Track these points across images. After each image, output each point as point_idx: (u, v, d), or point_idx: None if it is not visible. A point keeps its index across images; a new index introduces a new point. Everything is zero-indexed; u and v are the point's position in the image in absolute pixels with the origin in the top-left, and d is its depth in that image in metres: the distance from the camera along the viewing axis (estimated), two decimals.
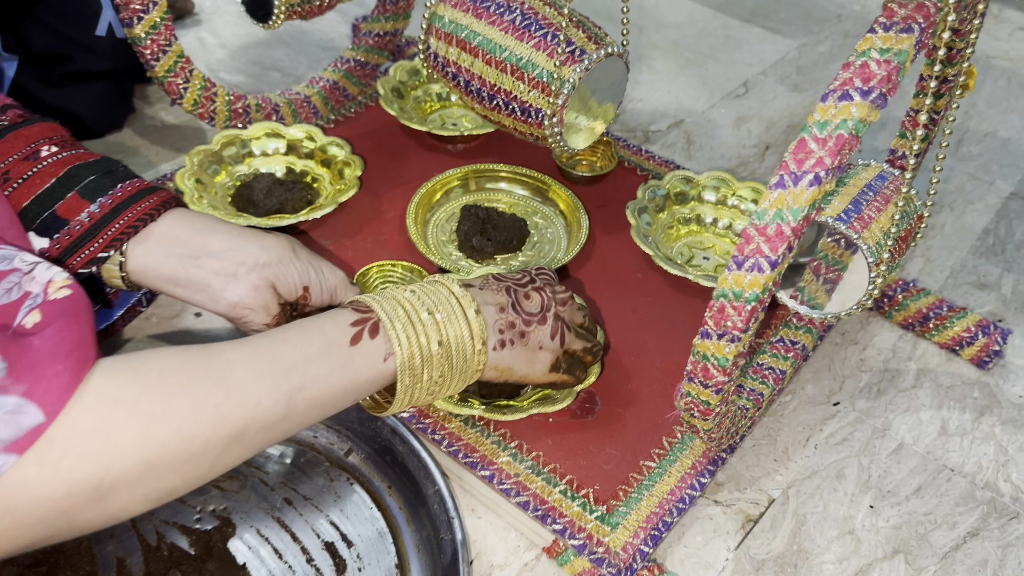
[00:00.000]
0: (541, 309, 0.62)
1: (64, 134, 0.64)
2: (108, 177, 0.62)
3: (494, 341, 0.59)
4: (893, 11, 0.50)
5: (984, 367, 0.81)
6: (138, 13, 0.80)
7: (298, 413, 0.51)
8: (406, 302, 0.56)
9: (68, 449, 0.41)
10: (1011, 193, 1.05)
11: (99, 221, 0.60)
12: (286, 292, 0.63)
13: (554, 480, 0.66)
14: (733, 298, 0.51)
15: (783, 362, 0.75)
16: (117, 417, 0.43)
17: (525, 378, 0.63)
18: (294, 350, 0.51)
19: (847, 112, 0.48)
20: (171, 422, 0.44)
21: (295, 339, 0.52)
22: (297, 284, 0.64)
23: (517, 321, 0.61)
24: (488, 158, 0.94)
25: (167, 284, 0.62)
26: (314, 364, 0.51)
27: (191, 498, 0.64)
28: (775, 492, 0.70)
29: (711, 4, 1.40)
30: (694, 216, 0.89)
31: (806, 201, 0.48)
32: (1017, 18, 1.40)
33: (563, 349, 0.64)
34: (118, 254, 0.61)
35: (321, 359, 0.52)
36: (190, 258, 0.61)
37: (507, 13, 0.77)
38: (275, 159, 0.91)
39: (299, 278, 0.64)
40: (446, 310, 0.57)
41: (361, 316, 0.55)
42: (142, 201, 0.61)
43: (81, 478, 0.42)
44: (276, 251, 0.63)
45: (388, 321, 0.54)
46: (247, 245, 0.62)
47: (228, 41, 1.20)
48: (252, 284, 0.61)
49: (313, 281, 0.65)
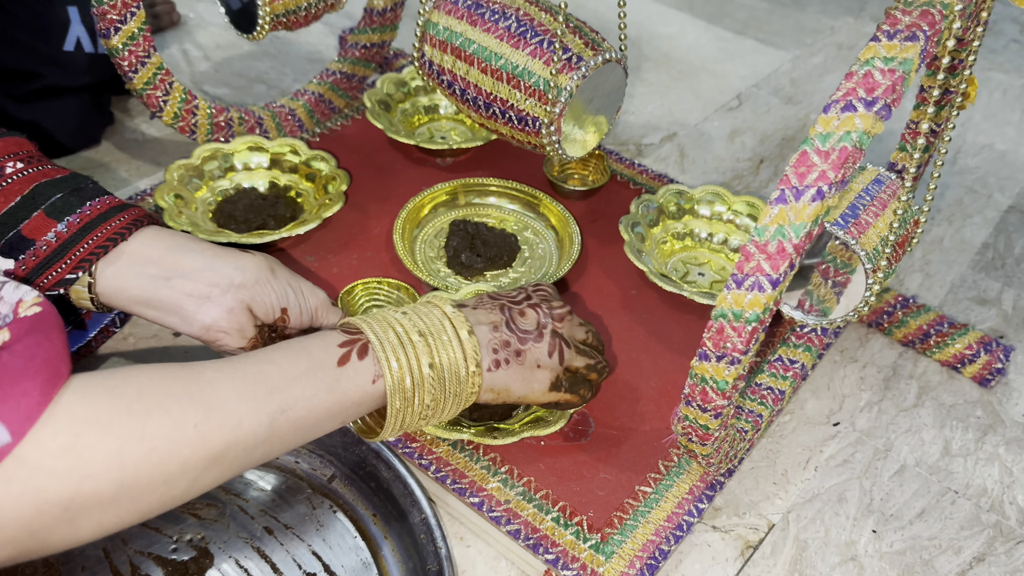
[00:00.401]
0: (537, 326, 0.60)
1: (31, 149, 0.61)
2: (76, 195, 0.59)
3: (488, 361, 0.57)
4: (897, 19, 0.48)
5: (986, 385, 0.79)
6: (115, 24, 0.78)
7: (280, 435, 0.49)
8: (397, 324, 0.54)
9: (37, 469, 0.40)
10: (1009, 206, 1.03)
11: (66, 241, 0.57)
12: (263, 314, 0.61)
13: (546, 507, 0.63)
14: (733, 318, 0.49)
15: (782, 382, 0.73)
16: (90, 436, 0.41)
17: (524, 398, 0.60)
18: (278, 370, 0.49)
19: (851, 124, 0.46)
20: (148, 442, 0.43)
21: (280, 359, 0.50)
22: (274, 305, 0.61)
23: (512, 339, 0.58)
24: (477, 172, 0.92)
25: (138, 306, 0.59)
26: (299, 384, 0.49)
27: (167, 527, 0.62)
28: (775, 517, 0.68)
29: (703, 16, 1.38)
30: (688, 231, 0.87)
31: (809, 216, 0.46)
32: (1012, 30, 1.39)
33: (563, 367, 0.61)
34: (87, 275, 0.58)
35: (306, 379, 0.50)
36: (162, 279, 0.58)
37: (502, 20, 0.75)
38: (258, 173, 0.88)
39: (276, 299, 0.61)
40: (438, 331, 0.55)
41: (350, 337, 0.53)
42: (112, 220, 0.59)
43: (50, 498, 0.40)
44: (253, 271, 0.60)
45: (378, 343, 0.53)
46: (222, 265, 0.59)
47: (212, 53, 1.18)
48: (226, 306, 0.59)
49: (292, 302, 0.62)
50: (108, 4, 0.77)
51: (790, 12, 1.41)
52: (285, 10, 0.87)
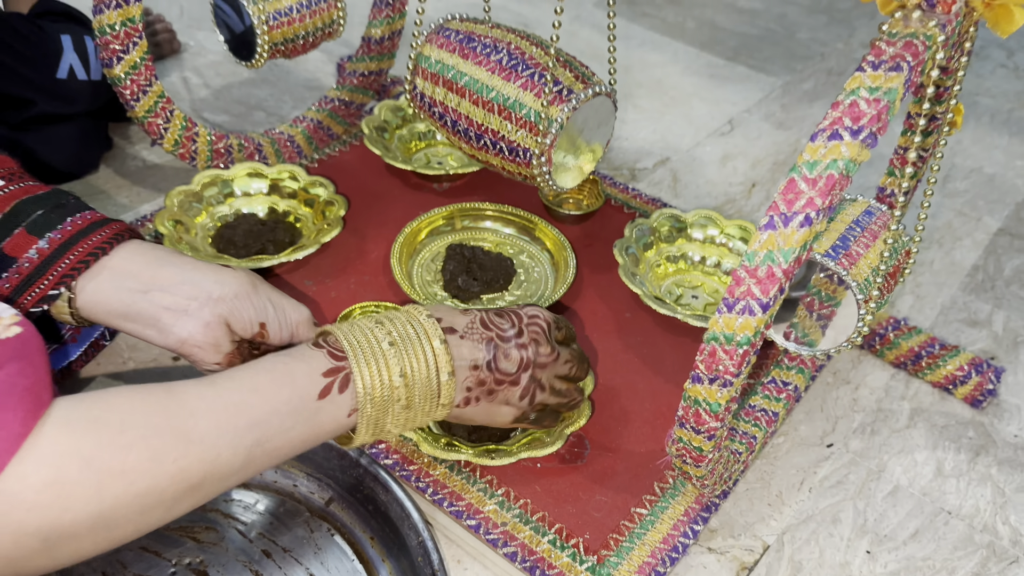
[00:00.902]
0: (518, 369, 0.59)
1: (13, 167, 0.61)
2: (57, 211, 0.59)
3: (460, 399, 0.58)
4: (882, 49, 0.49)
5: (978, 406, 0.80)
6: (117, 54, 0.79)
7: (256, 464, 0.50)
8: (381, 357, 0.54)
9: (17, 502, 0.40)
10: (999, 229, 1.04)
11: (48, 257, 0.57)
12: (241, 329, 0.60)
13: (543, 529, 0.63)
14: (724, 341, 0.50)
15: (775, 403, 0.74)
16: (72, 470, 0.42)
17: (480, 424, 0.62)
18: (260, 400, 0.50)
19: (837, 152, 0.47)
20: (127, 476, 0.43)
21: (264, 386, 0.50)
22: (253, 320, 0.60)
23: (488, 380, 0.58)
24: (474, 196, 0.93)
25: (117, 319, 0.59)
26: (279, 417, 0.50)
27: (166, 550, 0.62)
28: (770, 538, 0.69)
29: (695, 43, 1.40)
30: (681, 254, 0.88)
31: (797, 242, 0.47)
32: (999, 55, 1.42)
33: (531, 407, 0.62)
34: (67, 291, 0.58)
35: (286, 411, 0.50)
36: (140, 292, 0.58)
37: (493, 53, 0.77)
38: (257, 199, 0.89)
39: (255, 314, 0.60)
40: (421, 368, 0.55)
41: (334, 365, 0.53)
42: (93, 234, 0.59)
43: (29, 531, 0.41)
44: (232, 286, 0.60)
45: (359, 377, 0.53)
46: (201, 279, 0.59)
47: (212, 80, 1.20)
48: (203, 320, 0.58)
49: (271, 318, 0.62)
50: (111, 34, 0.78)
51: (780, 39, 1.44)
52: (283, 38, 0.88)
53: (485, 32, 0.79)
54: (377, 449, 0.68)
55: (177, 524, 0.63)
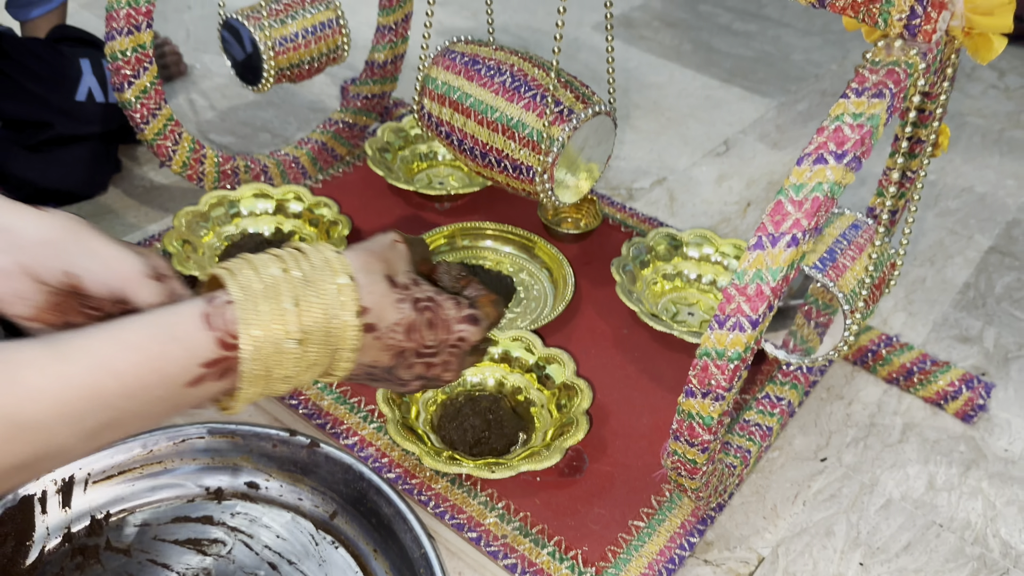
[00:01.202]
0: (411, 379, 0.54)
1: None
2: None
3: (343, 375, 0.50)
4: (865, 77, 0.52)
5: (969, 421, 0.82)
6: (128, 79, 0.81)
7: (99, 444, 0.44)
8: (287, 341, 0.45)
9: None
10: (990, 247, 1.06)
11: None
12: (51, 279, 0.52)
13: (542, 541, 0.65)
14: (716, 357, 0.51)
15: (769, 418, 0.76)
16: None
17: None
18: (119, 386, 0.42)
19: (822, 175, 0.49)
20: None
21: (125, 371, 0.42)
22: (59, 270, 0.52)
23: (379, 374, 0.53)
24: (474, 216, 0.95)
25: None
26: (136, 401, 0.43)
27: (173, 563, 0.63)
28: (765, 550, 0.70)
29: (691, 65, 1.43)
30: (678, 272, 0.90)
31: (784, 262, 0.49)
32: (989, 76, 1.44)
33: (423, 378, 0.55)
34: None
35: (146, 398, 0.43)
36: None
37: (497, 75, 0.79)
38: (263, 219, 0.91)
39: (62, 264, 0.52)
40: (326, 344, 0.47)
41: (220, 355, 0.44)
42: None
43: None
44: (42, 231, 0.52)
45: (249, 372, 0.45)
46: (14, 223, 0.52)
47: (218, 102, 1.22)
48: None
49: (85, 269, 0.53)
50: (122, 60, 0.81)
51: (775, 60, 1.46)
52: (289, 64, 0.91)
53: (489, 54, 0.81)
54: (380, 463, 0.69)
55: (185, 537, 0.65)
